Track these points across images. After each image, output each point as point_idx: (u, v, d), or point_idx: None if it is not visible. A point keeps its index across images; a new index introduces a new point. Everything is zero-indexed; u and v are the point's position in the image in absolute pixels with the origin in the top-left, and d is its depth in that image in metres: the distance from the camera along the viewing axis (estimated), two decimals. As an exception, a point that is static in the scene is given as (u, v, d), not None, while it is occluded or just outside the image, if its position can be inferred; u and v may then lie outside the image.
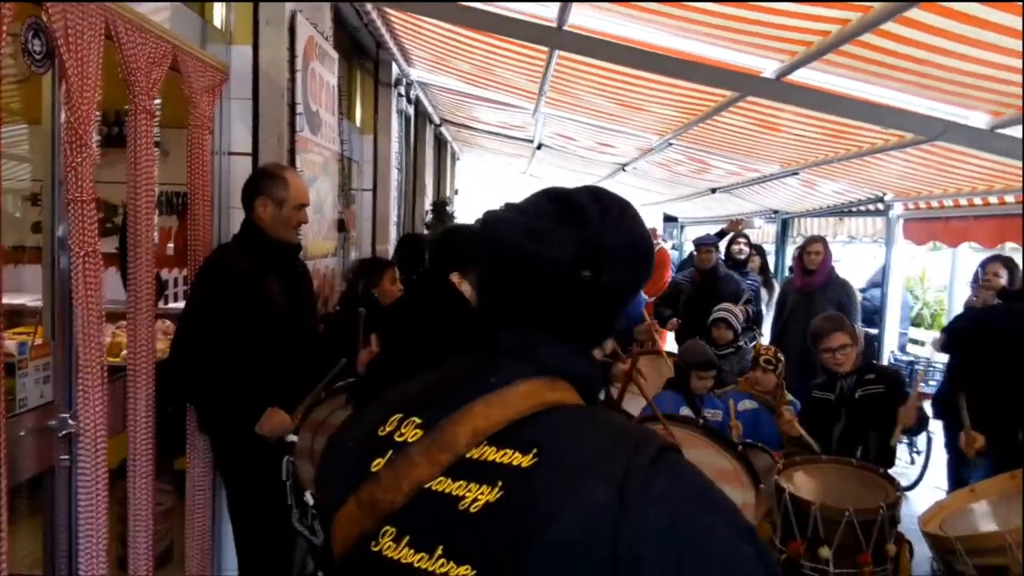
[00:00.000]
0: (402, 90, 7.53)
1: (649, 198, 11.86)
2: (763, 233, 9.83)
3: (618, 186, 11.09)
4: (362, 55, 6.73)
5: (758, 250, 7.69)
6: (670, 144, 6.26)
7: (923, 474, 6.12)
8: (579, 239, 0.91)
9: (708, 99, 4.51)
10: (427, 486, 0.88)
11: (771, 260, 8.20)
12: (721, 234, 7.30)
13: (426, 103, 8.96)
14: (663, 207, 12.59)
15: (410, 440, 0.91)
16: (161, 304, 3.60)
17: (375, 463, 0.92)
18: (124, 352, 2.70)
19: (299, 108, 3.92)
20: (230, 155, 3.44)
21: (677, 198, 10.79)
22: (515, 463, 0.85)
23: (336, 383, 3.12)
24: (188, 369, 2.74)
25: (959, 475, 4.59)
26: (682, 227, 13.84)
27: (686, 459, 0.89)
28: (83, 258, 2.13)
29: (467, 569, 0.82)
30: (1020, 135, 3.54)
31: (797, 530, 2.65)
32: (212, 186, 3.22)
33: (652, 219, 12.49)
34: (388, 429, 0.94)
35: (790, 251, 8.21)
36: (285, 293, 2.93)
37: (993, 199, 5.00)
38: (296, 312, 2.99)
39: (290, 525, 2.78)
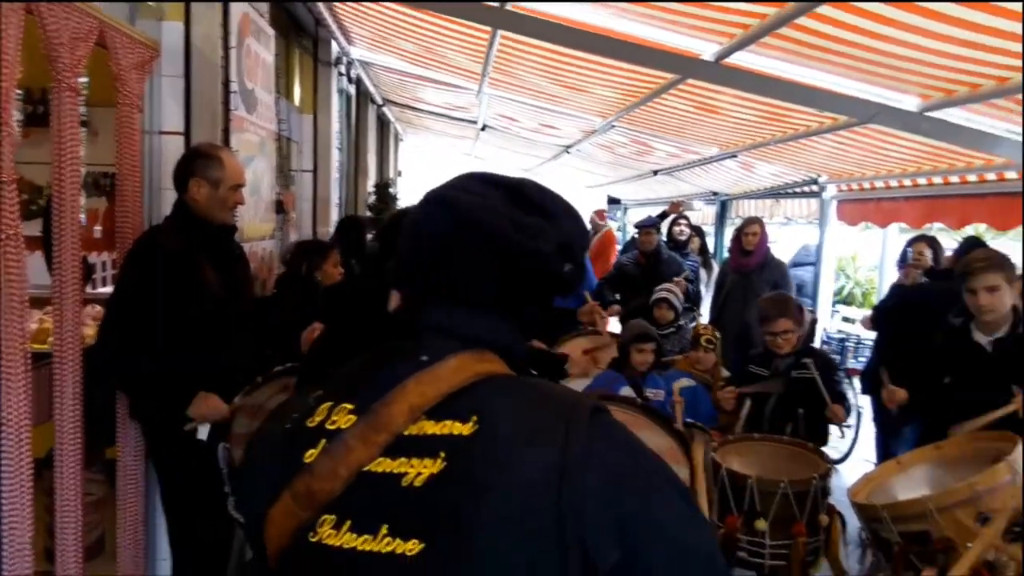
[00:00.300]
0: (342, 69, 7.39)
1: (593, 180, 11.95)
2: (703, 215, 10.02)
3: (562, 168, 11.14)
4: (300, 33, 6.57)
5: (698, 232, 7.83)
6: (613, 126, 6.30)
7: (852, 448, 6.33)
8: (556, 233, 0.96)
9: (649, 81, 4.55)
10: (366, 469, 0.88)
11: (711, 241, 8.35)
12: (663, 216, 7.39)
13: (368, 83, 8.81)
14: (607, 189, 12.70)
15: (343, 427, 0.90)
16: (89, 288, 3.47)
17: (307, 454, 0.90)
18: (51, 339, 2.59)
19: (233, 86, 3.80)
20: (161, 134, 3.32)
21: (620, 180, 10.89)
22: (456, 432, 0.86)
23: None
24: (117, 353, 2.64)
25: (887, 448, 4.79)
26: (625, 209, 13.98)
27: (614, 418, 0.92)
28: (4, 241, 2.03)
29: (415, 543, 0.82)
30: (948, 118, 3.67)
31: (734, 504, 2.72)
32: (142, 166, 3.11)
33: (597, 201, 12.59)
34: (318, 419, 0.93)
35: (729, 232, 8.38)
36: (220, 275, 2.85)
37: (922, 180, 5.18)
38: (231, 295, 2.91)
39: (227, 513, 2.73)
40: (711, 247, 8.25)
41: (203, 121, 3.45)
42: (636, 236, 6.66)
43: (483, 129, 8.84)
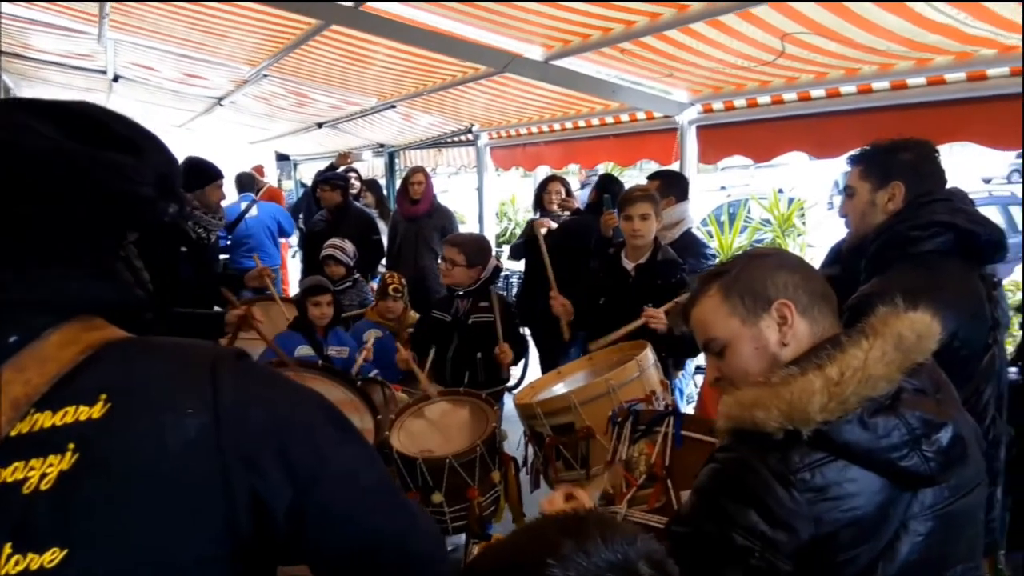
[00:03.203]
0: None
1: (256, 135, 11.29)
2: (372, 166, 10.04)
3: (219, 123, 10.34)
4: None
5: (372, 185, 7.83)
6: (265, 75, 5.98)
7: (524, 373, 6.96)
8: (151, 171, 0.85)
9: (293, 28, 4.36)
10: None
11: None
12: (331, 169, 7.26)
13: (-46, 24, 7.24)
14: (273, 144, 12.10)
15: None
16: None
17: None
18: None
19: None
20: None
21: (285, 134, 10.44)
22: (83, 418, 0.76)
23: None
24: None
25: (549, 365, 5.32)
26: (295, 165, 13.48)
27: (257, 363, 0.92)
28: None
29: (54, 552, 0.72)
30: (571, 66, 4.07)
31: (410, 482, 2.80)
32: None
33: (263, 157, 11.94)
34: None
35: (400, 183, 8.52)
36: None
37: (556, 126, 5.72)
38: None
39: None
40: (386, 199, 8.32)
41: None
42: (314, 193, 6.45)
43: (116, 80, 7.82)
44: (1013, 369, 2.60)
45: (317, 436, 0.86)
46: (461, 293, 3.73)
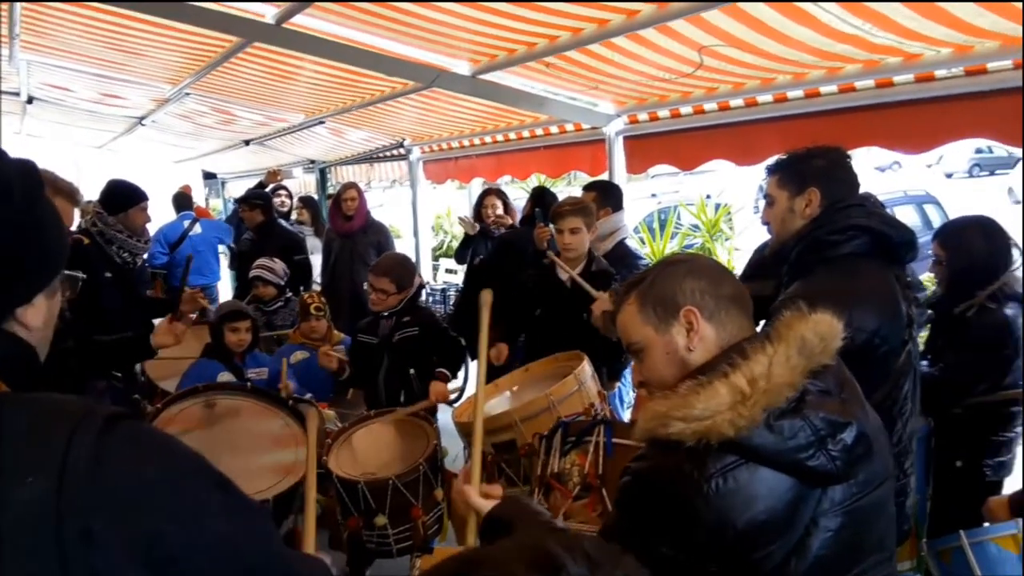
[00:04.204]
0: None
1: (180, 154, 11.02)
2: (303, 183, 9.88)
3: (141, 143, 10.04)
4: None
5: (308, 202, 7.70)
6: (187, 94, 5.84)
7: (464, 386, 6.93)
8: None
9: (214, 45, 4.28)
10: None
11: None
12: (260, 187, 7.12)
13: None
14: (199, 163, 11.81)
15: None
16: None
17: None
18: None
19: None
20: None
21: (211, 152, 10.20)
22: None
23: None
24: None
25: (491, 377, 5.32)
26: (223, 183, 13.16)
27: (142, 423, 0.85)
28: None
29: None
30: (498, 80, 4.10)
31: (352, 506, 2.74)
32: None
33: (189, 177, 11.63)
34: None
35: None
36: None
37: (488, 138, 5.74)
38: None
39: None
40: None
41: None
42: (239, 212, 6.28)
43: (30, 102, 7.52)
44: (924, 362, 2.73)
45: (189, 509, 0.79)
46: (386, 314, 3.64)
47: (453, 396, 6.91)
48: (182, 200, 7.60)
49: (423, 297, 7.66)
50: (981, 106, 2.78)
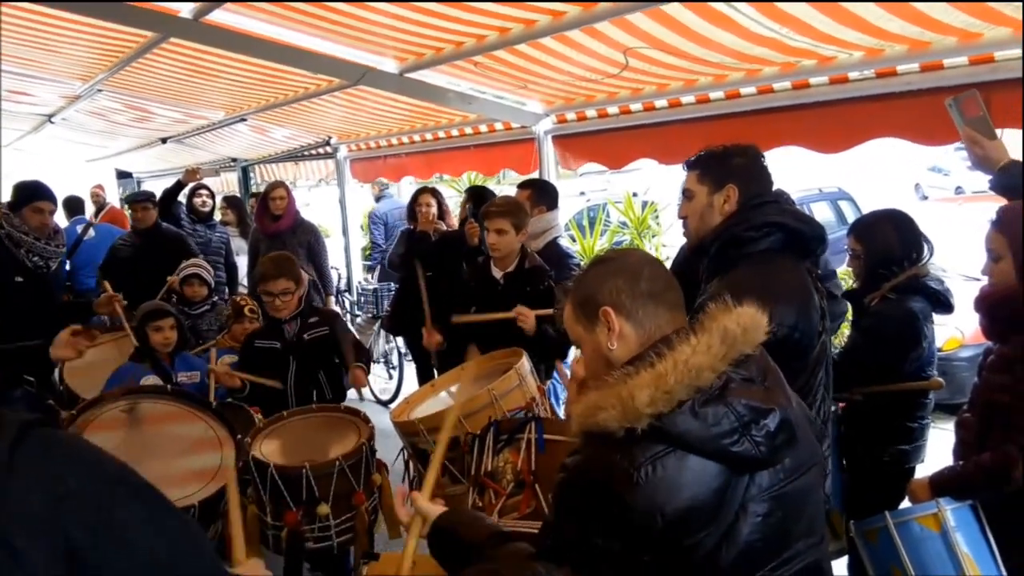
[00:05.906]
0: None
1: (92, 153, 10.55)
2: (225, 182, 9.60)
3: (51, 141, 9.56)
4: None
5: (233, 202, 7.45)
6: (99, 91, 5.60)
7: (400, 386, 6.88)
8: None
9: (129, 40, 4.11)
10: None
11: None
12: (179, 186, 6.86)
13: None
14: (112, 162, 11.34)
15: None
16: None
17: None
18: None
19: None
20: None
21: (126, 151, 9.80)
22: None
23: None
24: None
25: (426, 376, 5.28)
26: (139, 182, 12.67)
27: (57, 430, 0.82)
28: None
29: None
30: (426, 78, 4.08)
31: (290, 499, 2.63)
32: None
33: (102, 176, 11.14)
34: None
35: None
36: None
37: (417, 137, 5.70)
38: None
39: None
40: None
41: None
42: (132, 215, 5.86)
43: (-74, 97, 7.08)
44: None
45: (111, 522, 0.77)
46: (288, 318, 3.43)
47: (386, 397, 6.85)
48: (73, 204, 7.29)
49: (355, 298, 7.63)
50: (892, 107, 2.92)
